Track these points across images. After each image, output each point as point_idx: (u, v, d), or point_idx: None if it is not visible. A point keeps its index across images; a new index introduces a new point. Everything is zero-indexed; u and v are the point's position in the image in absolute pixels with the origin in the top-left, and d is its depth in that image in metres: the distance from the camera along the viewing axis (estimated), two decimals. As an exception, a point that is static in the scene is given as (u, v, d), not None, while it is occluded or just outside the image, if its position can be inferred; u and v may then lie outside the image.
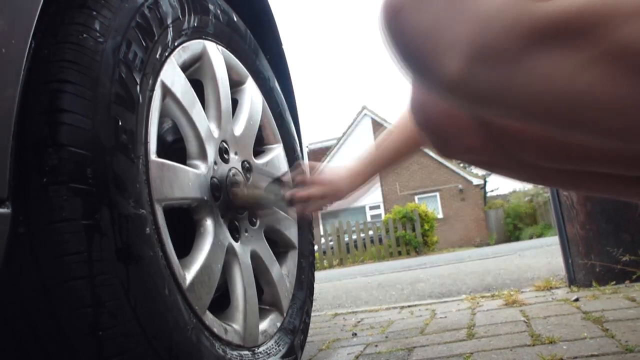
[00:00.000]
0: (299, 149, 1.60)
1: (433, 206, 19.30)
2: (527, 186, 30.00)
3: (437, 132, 0.64)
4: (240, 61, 1.30)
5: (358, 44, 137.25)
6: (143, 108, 0.84)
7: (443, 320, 1.93)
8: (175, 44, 0.99)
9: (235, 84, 1.29)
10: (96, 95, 0.73)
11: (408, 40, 0.44)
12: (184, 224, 1.00)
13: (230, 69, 1.23)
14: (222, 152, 1.12)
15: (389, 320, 2.15)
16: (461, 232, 20.67)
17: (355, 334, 1.89)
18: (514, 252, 6.77)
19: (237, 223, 1.12)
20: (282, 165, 1.44)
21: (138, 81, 0.83)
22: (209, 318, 0.94)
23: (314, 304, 1.94)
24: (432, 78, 0.44)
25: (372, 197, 21.48)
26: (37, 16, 0.67)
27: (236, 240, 1.10)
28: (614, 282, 2.15)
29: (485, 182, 22.64)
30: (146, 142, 0.84)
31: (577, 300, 1.93)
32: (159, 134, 0.91)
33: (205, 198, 1.00)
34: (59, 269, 0.66)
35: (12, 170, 0.63)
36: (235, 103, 1.27)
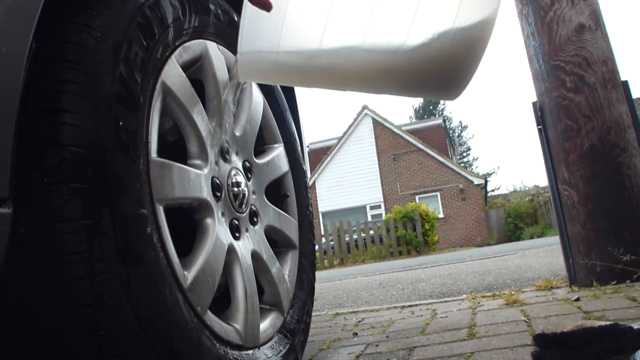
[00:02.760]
0: (299, 148, 1.60)
1: (434, 206, 19.29)
2: (528, 186, 29.95)
3: None
4: (241, 61, 1.30)
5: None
6: (144, 108, 0.84)
7: (444, 319, 1.93)
8: (176, 43, 0.99)
9: (236, 84, 1.29)
10: (97, 95, 0.73)
11: None
12: (185, 224, 1.00)
13: (231, 68, 1.23)
14: (223, 152, 1.12)
15: (389, 319, 2.15)
16: (462, 232, 20.66)
17: (356, 334, 1.89)
18: (514, 252, 6.77)
19: (237, 223, 1.12)
20: (283, 165, 1.44)
21: (139, 81, 0.83)
22: (210, 318, 0.94)
23: (314, 303, 1.94)
24: None
25: (372, 196, 21.49)
26: (37, 16, 0.67)
27: (237, 239, 1.10)
28: (615, 282, 2.15)
29: (486, 181, 22.62)
30: (147, 142, 0.84)
31: (577, 300, 1.93)
32: (160, 134, 0.91)
33: (206, 198, 1.00)
34: (59, 269, 0.66)
35: (13, 170, 0.63)
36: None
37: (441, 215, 20.43)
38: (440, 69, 0.85)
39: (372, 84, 1.01)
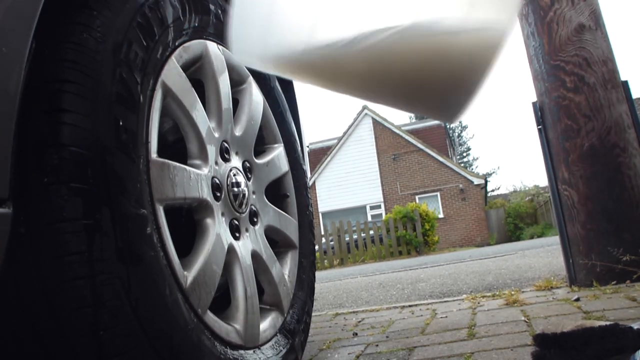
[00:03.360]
0: (299, 148, 1.60)
1: (434, 206, 19.29)
2: (528, 186, 29.94)
3: None
4: (241, 61, 1.30)
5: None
6: (144, 108, 0.84)
7: (444, 320, 1.93)
8: (176, 43, 0.99)
9: (236, 84, 1.29)
10: (97, 95, 0.73)
11: None
12: (185, 224, 1.00)
13: (231, 68, 1.23)
14: (223, 152, 1.12)
15: (389, 320, 2.15)
16: (462, 232, 20.66)
17: (356, 334, 1.89)
18: (514, 252, 6.77)
19: (237, 223, 1.12)
20: (283, 165, 1.44)
21: (139, 81, 0.83)
22: (210, 318, 0.94)
23: (314, 303, 1.94)
24: None
25: (372, 196, 21.49)
26: (37, 16, 0.67)
27: (237, 239, 1.10)
28: (615, 282, 2.15)
29: (486, 181, 22.62)
30: (147, 142, 0.84)
31: (577, 300, 1.93)
32: (160, 134, 0.91)
33: (206, 198, 1.00)
34: (59, 269, 0.66)
35: (13, 170, 0.63)
36: (236, 103, 1.27)
37: (441, 215, 20.43)
38: (442, 78, 0.79)
39: (365, 87, 0.94)
